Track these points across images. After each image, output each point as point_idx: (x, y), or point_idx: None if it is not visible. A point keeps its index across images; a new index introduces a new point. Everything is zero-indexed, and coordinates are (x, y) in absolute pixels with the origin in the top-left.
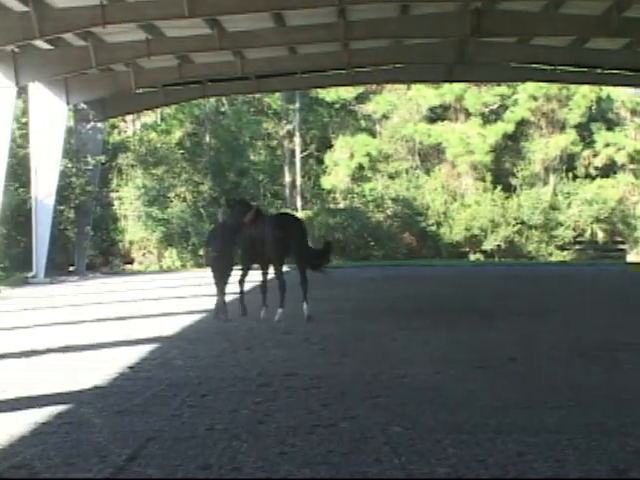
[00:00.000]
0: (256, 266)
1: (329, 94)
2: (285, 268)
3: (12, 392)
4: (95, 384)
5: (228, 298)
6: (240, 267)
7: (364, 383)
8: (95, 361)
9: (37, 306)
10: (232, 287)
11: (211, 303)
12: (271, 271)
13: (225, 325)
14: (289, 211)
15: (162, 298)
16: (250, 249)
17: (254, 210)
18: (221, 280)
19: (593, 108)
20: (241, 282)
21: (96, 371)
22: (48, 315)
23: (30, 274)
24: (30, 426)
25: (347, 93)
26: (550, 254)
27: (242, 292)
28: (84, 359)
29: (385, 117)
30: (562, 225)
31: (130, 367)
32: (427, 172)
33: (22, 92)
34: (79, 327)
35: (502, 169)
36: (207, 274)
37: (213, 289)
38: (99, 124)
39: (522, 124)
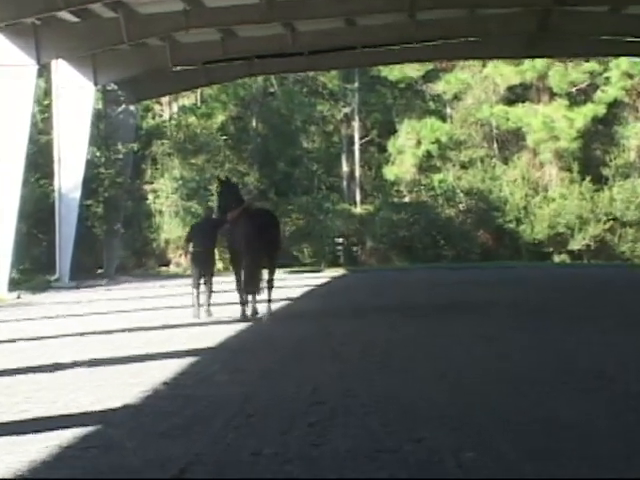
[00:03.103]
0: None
1: (393, 72)
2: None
3: (34, 412)
4: (125, 402)
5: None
6: (233, 271)
7: (430, 402)
8: (125, 377)
9: (61, 313)
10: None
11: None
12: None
13: (273, 334)
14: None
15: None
16: (248, 248)
17: (244, 207)
18: (198, 279)
19: None
20: (238, 284)
21: (127, 388)
22: (73, 324)
23: (53, 277)
24: (53, 450)
25: (413, 71)
26: None
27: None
28: (113, 374)
29: (457, 98)
30: None
31: (165, 383)
32: (505, 161)
33: (44, 71)
34: (108, 338)
35: (592, 157)
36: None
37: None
38: (131, 107)
39: (615, 106)
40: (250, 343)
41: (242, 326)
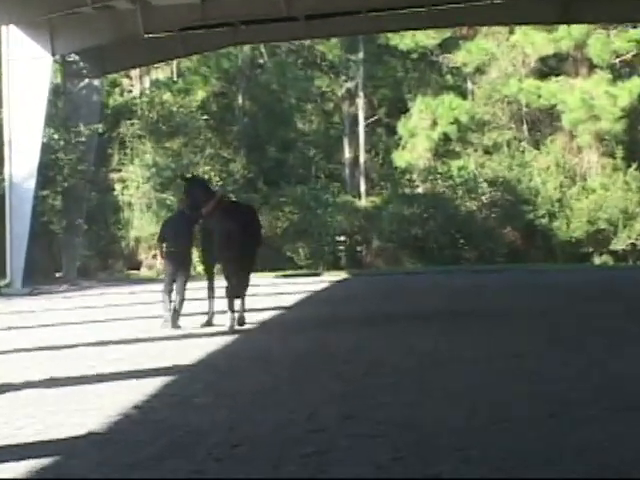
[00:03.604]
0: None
1: (404, 40)
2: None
3: None
4: (89, 429)
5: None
6: (205, 274)
7: (449, 429)
8: (89, 399)
9: (12, 325)
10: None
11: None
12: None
13: (263, 350)
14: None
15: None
16: (221, 247)
17: (218, 198)
18: (171, 284)
19: None
20: (211, 284)
21: (91, 412)
22: (27, 337)
23: (3, 282)
24: None
25: (428, 39)
26: None
27: (212, 297)
28: (74, 396)
29: (479, 71)
30: None
31: (137, 407)
32: (536, 145)
33: None
34: (68, 354)
35: (638, 141)
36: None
37: (250, 302)
38: (95, 81)
39: None
40: (236, 360)
41: (227, 340)
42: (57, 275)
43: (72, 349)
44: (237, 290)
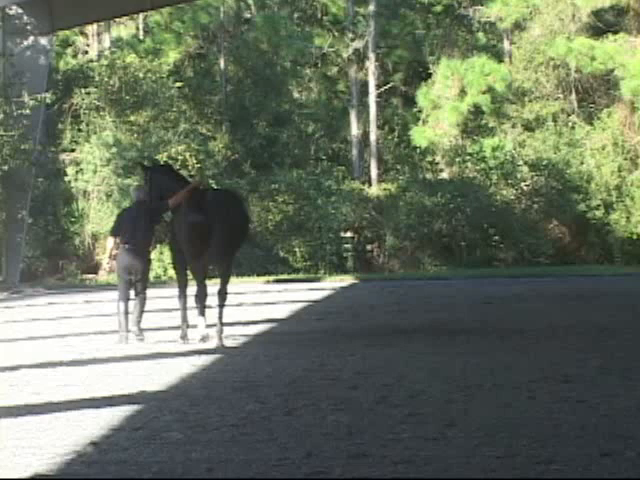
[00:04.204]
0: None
1: None
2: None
3: None
4: (36, 472)
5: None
6: (176, 277)
7: (481, 471)
8: (36, 434)
9: None
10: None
11: (226, 338)
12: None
13: (250, 373)
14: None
15: (146, 329)
16: (190, 245)
17: (192, 187)
18: (127, 290)
19: None
20: (182, 296)
21: (37, 450)
22: None
23: None
24: None
25: None
26: None
27: (185, 309)
28: (16, 430)
29: (519, 27)
30: None
31: (94, 443)
32: (589, 119)
33: None
34: (7, 378)
35: None
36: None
37: (233, 313)
38: (43, 40)
39: None
40: (216, 385)
41: (204, 360)
42: None
43: (12, 372)
44: (201, 298)
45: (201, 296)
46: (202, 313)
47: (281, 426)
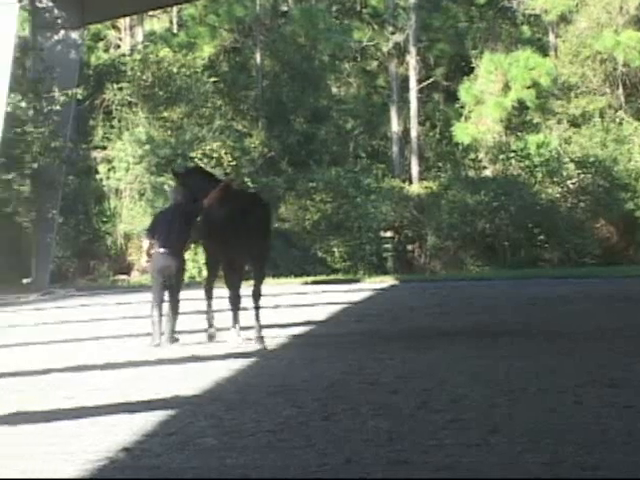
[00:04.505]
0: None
1: None
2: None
3: None
4: (70, 475)
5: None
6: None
7: (525, 477)
8: (67, 440)
9: None
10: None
11: (253, 343)
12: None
13: (287, 378)
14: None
15: (181, 331)
16: (224, 245)
17: (223, 186)
18: (162, 292)
19: None
20: (209, 291)
21: (69, 457)
22: None
23: None
24: None
25: None
26: None
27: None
28: (46, 435)
29: (565, 20)
30: None
31: (126, 449)
32: (637, 115)
33: None
34: (38, 382)
35: None
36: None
37: (269, 315)
38: (74, 34)
39: None
40: (252, 389)
41: (240, 363)
42: (25, 281)
43: (43, 376)
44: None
45: (233, 298)
46: (236, 315)
47: (319, 431)
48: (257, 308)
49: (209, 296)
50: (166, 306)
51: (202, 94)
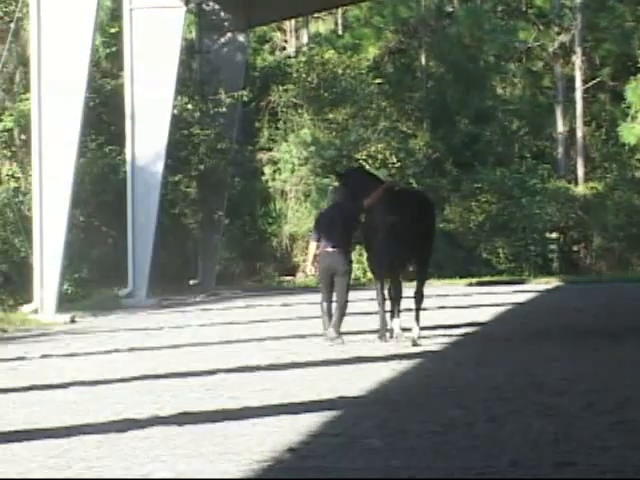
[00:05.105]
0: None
1: None
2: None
3: None
4: (239, 475)
5: None
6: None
7: None
8: (233, 440)
9: (133, 345)
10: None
11: (427, 342)
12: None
13: (451, 379)
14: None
15: (346, 333)
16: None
17: (385, 187)
18: (330, 292)
19: None
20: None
21: (234, 457)
22: (151, 361)
23: (123, 291)
24: None
25: None
26: None
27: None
28: (214, 436)
29: None
30: None
31: (292, 449)
32: None
33: None
34: (205, 382)
35: None
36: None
37: (433, 316)
38: (240, 37)
39: None
40: (417, 390)
41: (405, 365)
42: (191, 282)
43: (209, 376)
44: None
45: (396, 298)
46: (397, 315)
47: (484, 433)
48: (418, 310)
49: (382, 297)
50: (333, 306)
51: (367, 95)
